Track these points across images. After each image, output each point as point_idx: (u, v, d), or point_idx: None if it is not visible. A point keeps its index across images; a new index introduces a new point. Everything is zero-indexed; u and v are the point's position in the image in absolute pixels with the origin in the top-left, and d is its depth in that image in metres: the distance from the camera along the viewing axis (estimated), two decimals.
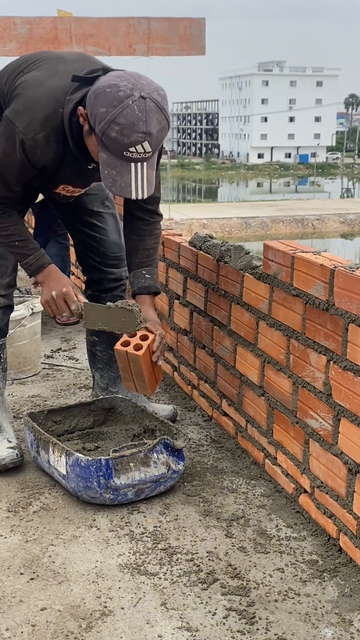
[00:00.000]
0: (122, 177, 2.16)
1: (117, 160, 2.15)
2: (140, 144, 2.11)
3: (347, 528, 2.05)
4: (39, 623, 1.81)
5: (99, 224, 2.82)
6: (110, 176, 2.17)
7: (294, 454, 2.34)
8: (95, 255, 2.86)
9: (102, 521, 2.27)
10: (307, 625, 1.81)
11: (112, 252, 2.86)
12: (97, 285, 2.91)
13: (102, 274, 2.88)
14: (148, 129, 2.10)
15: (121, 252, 2.88)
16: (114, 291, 2.91)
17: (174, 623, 1.81)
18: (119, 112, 2.08)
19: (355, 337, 1.97)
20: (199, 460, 2.67)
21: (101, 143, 2.15)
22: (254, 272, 2.53)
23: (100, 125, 2.12)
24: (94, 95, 2.13)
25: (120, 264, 2.89)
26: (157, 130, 2.13)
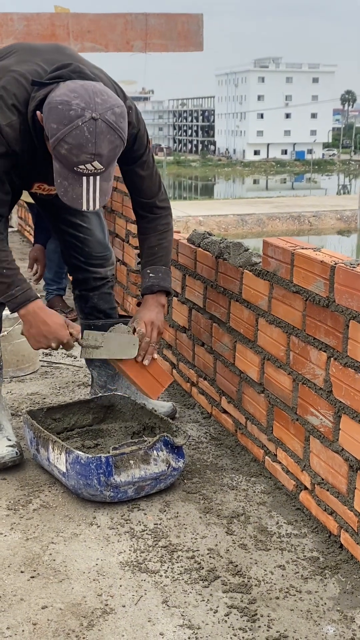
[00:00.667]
0: (73, 189, 2.15)
1: (69, 172, 2.14)
2: (90, 163, 2.10)
3: (348, 525, 2.05)
4: (40, 621, 1.81)
5: (82, 224, 2.80)
6: (62, 186, 2.16)
7: (294, 450, 2.34)
8: (80, 255, 2.84)
9: (102, 519, 2.27)
10: (308, 622, 1.81)
11: (97, 251, 2.84)
12: (83, 285, 2.90)
13: (87, 274, 2.87)
14: (97, 151, 2.09)
15: (106, 252, 2.87)
16: (101, 289, 2.91)
17: (175, 621, 1.81)
18: (68, 131, 2.07)
19: (355, 334, 1.96)
20: (198, 458, 2.66)
21: (55, 154, 2.14)
22: (254, 268, 2.53)
23: (51, 140, 2.11)
24: (48, 108, 2.12)
25: (106, 263, 2.88)
26: (108, 150, 2.11)
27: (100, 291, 2.90)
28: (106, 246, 2.88)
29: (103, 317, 2.93)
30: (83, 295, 2.92)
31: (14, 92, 2.22)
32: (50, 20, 4.81)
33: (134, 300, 3.96)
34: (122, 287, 4.16)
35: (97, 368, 2.98)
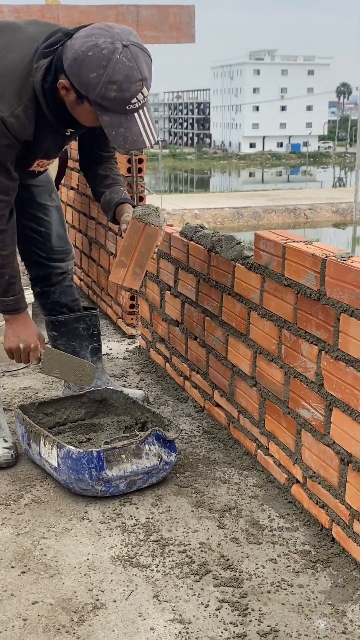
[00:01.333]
0: (131, 131, 2.15)
1: (122, 116, 2.12)
2: (140, 92, 2.10)
3: (340, 518, 2.05)
4: (30, 617, 1.80)
5: (44, 217, 2.79)
6: (120, 135, 2.15)
7: (286, 444, 2.33)
8: (41, 251, 2.82)
9: (93, 513, 2.26)
10: (300, 616, 1.81)
11: (58, 246, 2.84)
12: (44, 282, 2.88)
13: (48, 269, 2.86)
14: (143, 75, 2.09)
15: (67, 246, 2.87)
16: (62, 283, 2.90)
17: (166, 615, 1.80)
18: (111, 70, 2.05)
19: (346, 327, 1.96)
20: (191, 451, 2.66)
21: (100, 107, 2.12)
22: (245, 262, 2.52)
23: (96, 91, 2.08)
24: (77, 65, 2.08)
25: (67, 257, 2.88)
26: (147, 71, 2.12)
27: (62, 285, 2.90)
28: (66, 240, 2.88)
29: (66, 310, 2.92)
30: (44, 291, 2.90)
31: (14, 81, 2.18)
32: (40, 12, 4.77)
33: (127, 294, 3.95)
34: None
35: None
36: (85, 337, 2.95)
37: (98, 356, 3.00)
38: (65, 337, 2.92)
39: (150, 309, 3.52)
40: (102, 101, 2.09)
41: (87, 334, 2.95)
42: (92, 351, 2.97)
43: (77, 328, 2.92)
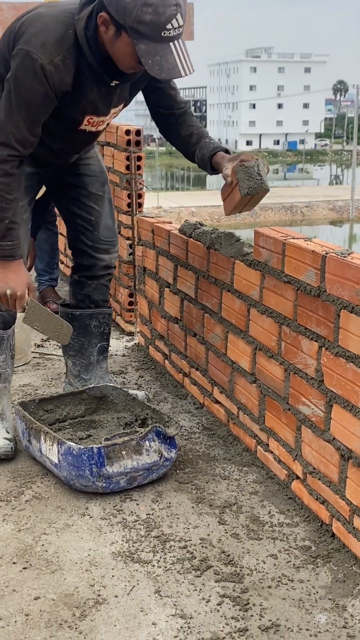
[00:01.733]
0: (167, 60, 2.19)
1: (157, 44, 2.17)
2: (174, 18, 2.14)
3: (340, 514, 2.06)
4: (32, 612, 1.81)
5: (95, 207, 2.83)
6: (156, 63, 2.19)
7: (286, 440, 2.34)
8: (88, 240, 2.86)
9: (94, 509, 2.27)
10: (300, 611, 1.82)
11: (105, 236, 2.87)
12: (86, 271, 2.91)
13: (93, 260, 2.89)
14: (177, 0, 2.14)
15: (113, 238, 2.89)
16: (101, 279, 2.93)
17: (168, 610, 1.81)
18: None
19: (346, 324, 1.96)
20: (191, 448, 2.66)
21: (136, 34, 2.16)
22: (245, 259, 2.52)
23: (132, 15, 2.13)
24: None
25: (111, 249, 2.90)
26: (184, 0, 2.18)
27: (100, 281, 2.92)
28: (114, 232, 2.91)
29: (94, 307, 2.94)
30: (81, 281, 2.93)
31: (55, 31, 2.25)
32: None
33: (126, 291, 3.96)
34: (114, 278, 4.15)
35: (72, 357, 2.99)
36: (96, 334, 2.96)
37: (104, 355, 3.01)
38: (77, 331, 2.90)
39: (149, 306, 3.53)
40: (138, 26, 2.14)
41: (98, 332, 2.96)
42: (100, 350, 2.98)
43: (89, 325, 2.94)
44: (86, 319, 2.93)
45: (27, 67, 2.23)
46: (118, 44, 2.23)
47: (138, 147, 3.79)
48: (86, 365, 2.98)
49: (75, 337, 2.93)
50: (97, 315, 2.94)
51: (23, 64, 2.24)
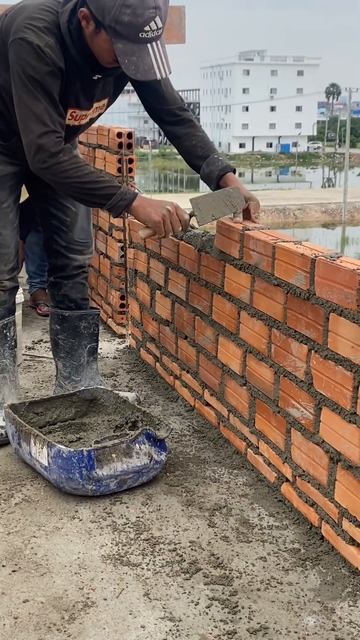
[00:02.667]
0: (143, 61, 2.21)
1: (135, 45, 2.19)
2: (153, 20, 2.16)
3: (329, 516, 2.06)
4: (21, 615, 1.81)
5: (72, 208, 2.84)
6: (132, 63, 2.21)
7: (276, 443, 2.34)
8: (62, 240, 2.87)
9: (84, 512, 2.26)
10: (289, 613, 1.82)
11: (79, 237, 2.88)
12: (60, 272, 2.93)
13: (66, 260, 2.90)
14: (156, 3, 2.15)
15: (87, 239, 2.92)
16: (76, 278, 2.95)
17: (156, 613, 1.81)
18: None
19: (336, 327, 1.97)
20: (181, 451, 2.67)
21: (114, 33, 2.18)
22: (235, 262, 2.53)
23: (110, 15, 2.15)
24: None
25: (85, 250, 2.92)
26: (162, 3, 2.18)
27: (75, 280, 2.94)
28: (89, 233, 2.92)
29: (74, 306, 2.96)
30: (57, 282, 2.95)
31: (42, 17, 2.30)
32: None
33: (117, 293, 3.96)
34: (106, 281, 4.15)
35: (62, 359, 2.99)
36: (86, 335, 2.97)
37: (94, 356, 3.02)
38: (66, 332, 2.95)
39: (141, 309, 3.53)
40: (116, 26, 2.16)
41: (88, 333, 2.97)
42: (90, 351, 2.99)
43: (78, 326, 2.95)
44: (75, 320, 2.94)
45: (27, 51, 2.28)
46: (97, 40, 2.26)
47: (130, 149, 3.79)
48: (76, 367, 2.98)
49: (65, 338, 2.96)
50: (86, 316, 2.96)
51: (23, 49, 2.28)
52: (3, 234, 2.67)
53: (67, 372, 2.99)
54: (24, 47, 2.28)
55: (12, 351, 2.79)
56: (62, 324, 2.95)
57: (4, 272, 2.71)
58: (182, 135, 2.69)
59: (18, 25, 2.31)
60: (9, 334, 2.77)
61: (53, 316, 2.99)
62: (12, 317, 2.79)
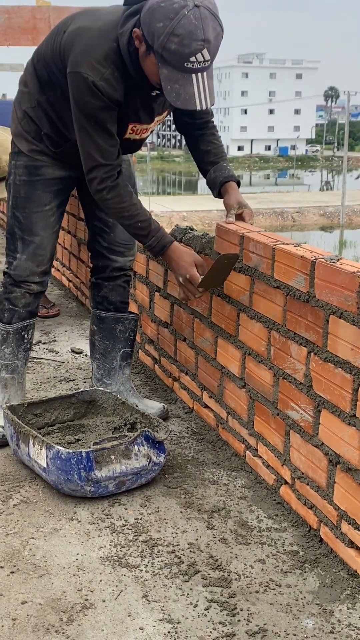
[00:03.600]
0: (185, 90, 2.22)
1: (179, 73, 2.20)
2: (200, 52, 2.16)
3: (328, 519, 2.06)
4: (19, 617, 1.80)
5: None
6: (174, 90, 2.22)
7: (275, 445, 2.34)
8: (104, 241, 2.89)
9: (82, 514, 2.26)
10: (288, 616, 1.82)
11: (121, 238, 2.89)
12: (101, 273, 2.94)
13: (107, 261, 2.91)
14: (206, 36, 2.16)
15: (130, 242, 2.92)
16: (117, 280, 2.95)
17: (155, 615, 1.81)
18: (176, 23, 2.13)
19: (335, 329, 1.97)
20: (180, 453, 2.66)
21: (161, 59, 2.20)
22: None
23: (159, 41, 2.16)
24: (149, 14, 2.18)
25: (127, 252, 2.93)
26: (214, 37, 2.18)
27: (116, 282, 2.94)
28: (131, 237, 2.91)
29: (113, 309, 2.96)
30: (98, 283, 2.96)
31: (100, 47, 2.31)
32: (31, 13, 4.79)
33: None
34: None
35: (96, 360, 3.00)
36: (121, 339, 2.96)
37: (127, 362, 3.00)
38: (102, 333, 2.96)
39: (139, 310, 3.53)
40: (163, 52, 2.18)
41: (123, 337, 2.97)
42: (123, 355, 2.98)
43: (114, 328, 2.95)
44: (112, 322, 2.94)
45: (82, 87, 2.32)
46: (147, 61, 2.28)
47: None
48: (109, 370, 2.98)
49: (101, 339, 2.97)
50: (123, 319, 2.95)
51: (78, 87, 2.33)
52: (42, 235, 2.71)
53: (100, 374, 3.00)
54: (79, 82, 2.32)
55: (26, 354, 2.83)
56: (99, 324, 2.96)
57: (35, 274, 2.74)
58: (201, 141, 2.75)
59: (75, 56, 2.32)
60: (27, 336, 2.80)
61: (92, 317, 3.01)
62: (33, 319, 2.83)
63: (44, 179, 2.68)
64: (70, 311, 4.52)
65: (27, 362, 2.86)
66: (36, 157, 2.66)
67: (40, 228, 2.70)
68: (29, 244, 2.71)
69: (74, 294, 4.85)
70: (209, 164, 2.72)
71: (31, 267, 2.73)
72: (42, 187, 2.69)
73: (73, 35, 2.37)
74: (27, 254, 2.72)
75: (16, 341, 2.79)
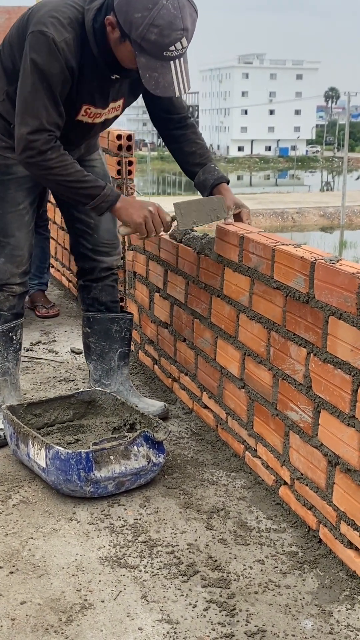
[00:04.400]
0: (164, 78, 2.22)
1: (157, 62, 2.21)
2: (179, 41, 2.18)
3: (327, 519, 2.06)
4: (18, 617, 1.80)
5: None
6: (153, 79, 2.23)
7: (274, 446, 2.34)
8: (88, 243, 2.87)
9: (82, 514, 2.26)
10: (287, 616, 1.82)
11: (105, 239, 2.87)
12: (88, 275, 2.92)
13: (93, 263, 2.89)
14: (185, 25, 2.17)
15: (114, 240, 2.90)
16: (105, 280, 2.93)
17: (154, 615, 1.81)
18: (156, 14, 2.14)
19: (335, 330, 1.97)
20: (179, 453, 2.67)
21: (139, 48, 2.20)
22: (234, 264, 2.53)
23: (138, 31, 2.16)
24: (125, 2, 2.17)
25: (112, 251, 2.91)
26: (191, 23, 2.20)
27: (104, 283, 2.92)
28: (115, 235, 2.91)
29: (104, 309, 2.94)
30: (86, 285, 2.94)
31: (66, 12, 2.30)
32: None
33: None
34: None
35: (93, 362, 2.99)
36: (117, 339, 2.95)
37: (125, 361, 2.99)
38: (97, 335, 2.93)
39: (139, 311, 3.53)
40: (141, 42, 2.18)
41: (119, 337, 2.95)
42: (120, 355, 2.97)
43: (110, 329, 2.94)
44: (107, 322, 2.93)
45: (42, 44, 2.28)
46: (121, 47, 2.28)
47: (129, 151, 3.80)
48: (107, 371, 2.97)
49: (96, 341, 2.95)
50: (118, 319, 2.94)
51: (38, 42, 2.28)
52: (17, 235, 2.67)
53: (98, 376, 2.98)
54: (40, 39, 2.27)
55: (17, 354, 2.80)
56: (93, 326, 2.93)
57: (15, 276, 2.71)
58: (183, 141, 2.72)
59: (40, 17, 2.30)
60: (15, 337, 2.78)
61: (84, 319, 2.97)
62: (20, 320, 2.80)
63: (15, 177, 2.62)
64: (70, 311, 4.52)
65: (18, 363, 2.83)
66: (6, 154, 2.59)
67: (15, 228, 2.66)
68: (5, 246, 2.67)
69: (74, 294, 4.85)
70: (196, 165, 2.71)
71: (10, 269, 2.69)
72: (14, 186, 2.64)
73: (40, 5, 2.36)
74: (5, 256, 2.68)
75: (4, 343, 2.75)
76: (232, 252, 2.53)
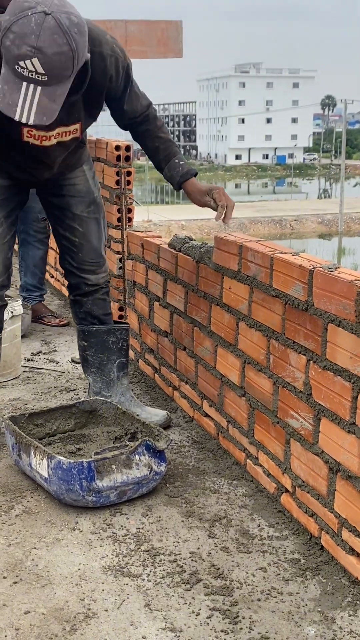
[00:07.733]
0: (11, 94, 2.09)
1: (11, 75, 2.07)
2: (30, 60, 2.03)
3: (329, 526, 2.07)
4: (22, 626, 1.81)
5: (79, 228, 2.81)
6: (2, 91, 2.10)
7: (275, 453, 2.35)
8: (73, 261, 2.86)
9: (84, 524, 2.27)
10: (290, 623, 1.82)
11: (89, 258, 2.85)
12: (76, 290, 2.92)
13: (78, 279, 2.89)
14: (39, 45, 2.02)
15: (98, 259, 2.88)
16: (95, 294, 2.92)
17: (158, 624, 1.82)
18: (15, 20, 2.03)
19: (334, 337, 1.98)
20: (180, 462, 2.67)
21: (2, 54, 2.09)
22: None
23: (1, 33, 2.07)
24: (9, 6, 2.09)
25: (97, 269, 2.89)
26: (52, 51, 2.03)
27: (94, 297, 2.92)
28: (99, 254, 2.88)
29: (97, 322, 2.94)
30: (77, 300, 2.93)
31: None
32: None
33: (115, 305, 3.97)
34: None
35: (92, 374, 2.99)
36: (114, 350, 2.95)
37: (124, 372, 2.99)
38: (94, 348, 2.93)
39: (139, 320, 3.54)
40: (2, 47, 2.08)
41: (116, 348, 2.95)
42: (119, 366, 2.97)
43: (106, 340, 2.93)
44: (103, 335, 2.92)
45: None
46: None
47: (128, 162, 3.81)
48: (107, 382, 2.97)
49: (94, 354, 2.94)
50: (114, 331, 2.94)
51: None
52: None
53: (98, 388, 2.98)
54: None
55: None
56: (89, 339, 2.93)
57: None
58: (146, 137, 2.71)
59: None
60: None
61: (79, 333, 2.97)
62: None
63: None
64: (71, 321, 4.54)
65: None
66: None
67: None
68: None
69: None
70: (161, 162, 2.73)
71: None
72: None
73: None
74: None
75: None
76: (231, 261, 2.54)
